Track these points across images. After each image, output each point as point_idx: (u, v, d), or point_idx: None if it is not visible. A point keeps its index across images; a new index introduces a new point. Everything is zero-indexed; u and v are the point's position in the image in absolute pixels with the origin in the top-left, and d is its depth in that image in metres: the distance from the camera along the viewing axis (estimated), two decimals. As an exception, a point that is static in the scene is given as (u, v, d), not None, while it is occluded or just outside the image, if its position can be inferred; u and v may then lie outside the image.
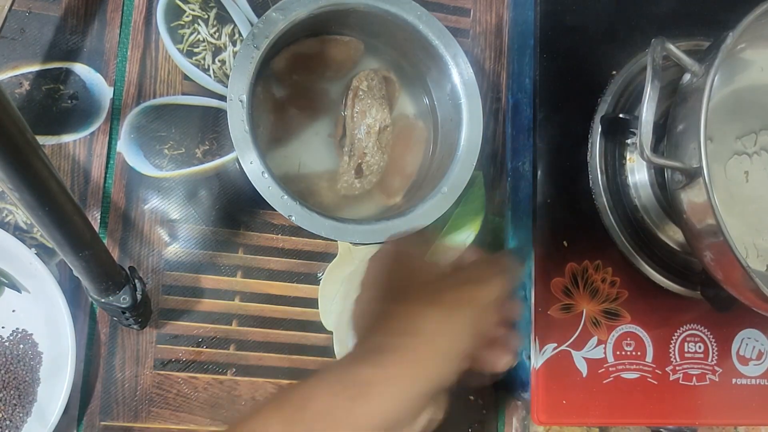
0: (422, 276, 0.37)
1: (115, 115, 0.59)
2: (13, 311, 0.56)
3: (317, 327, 0.62)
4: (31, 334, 0.55)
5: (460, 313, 0.34)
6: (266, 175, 0.53)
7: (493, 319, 0.36)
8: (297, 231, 0.62)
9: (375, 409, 0.31)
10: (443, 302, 0.34)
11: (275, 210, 0.53)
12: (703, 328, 0.60)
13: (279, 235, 0.62)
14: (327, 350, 0.62)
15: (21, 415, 0.54)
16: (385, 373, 0.32)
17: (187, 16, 0.61)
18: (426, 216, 0.56)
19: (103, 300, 0.49)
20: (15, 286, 0.56)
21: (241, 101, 0.53)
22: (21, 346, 0.55)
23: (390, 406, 0.31)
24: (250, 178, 0.53)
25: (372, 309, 0.37)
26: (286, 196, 0.53)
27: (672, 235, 0.58)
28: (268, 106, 0.59)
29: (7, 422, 0.53)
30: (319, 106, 0.61)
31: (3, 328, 0.55)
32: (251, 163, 0.53)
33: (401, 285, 0.37)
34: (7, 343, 0.55)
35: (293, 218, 0.53)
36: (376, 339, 0.34)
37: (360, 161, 0.60)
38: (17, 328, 0.55)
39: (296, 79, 0.61)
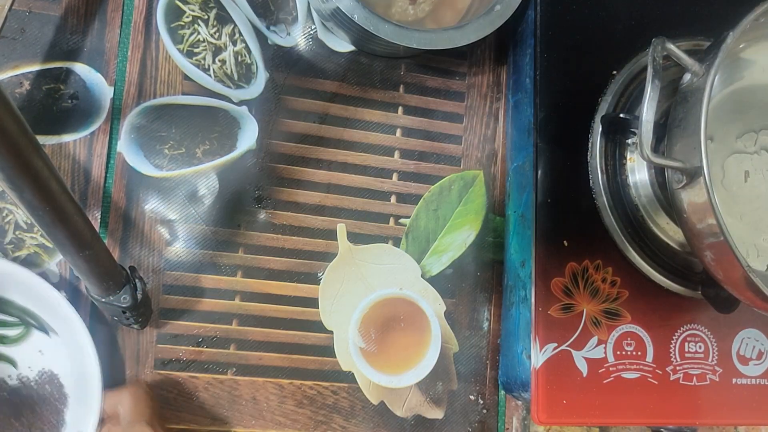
0: None
1: (116, 114, 0.59)
2: (40, 352, 0.55)
3: (318, 326, 0.62)
4: (58, 375, 0.55)
5: None
6: None
7: None
8: (298, 231, 0.62)
9: None
10: None
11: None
12: (703, 327, 0.60)
13: (279, 235, 0.62)
14: (327, 350, 0.62)
15: None
16: None
17: (187, 17, 0.62)
18: (479, 31, 0.59)
19: (103, 300, 0.49)
20: (43, 328, 0.56)
21: None
22: (47, 387, 0.55)
23: None
24: None
25: None
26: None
27: (672, 235, 0.58)
28: None
29: None
30: None
31: (30, 369, 0.55)
32: None
33: None
34: (33, 384, 0.55)
35: (356, 17, 0.55)
36: None
37: None
38: (44, 369, 0.55)
39: None
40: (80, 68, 0.59)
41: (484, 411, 0.64)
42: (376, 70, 0.65)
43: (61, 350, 0.55)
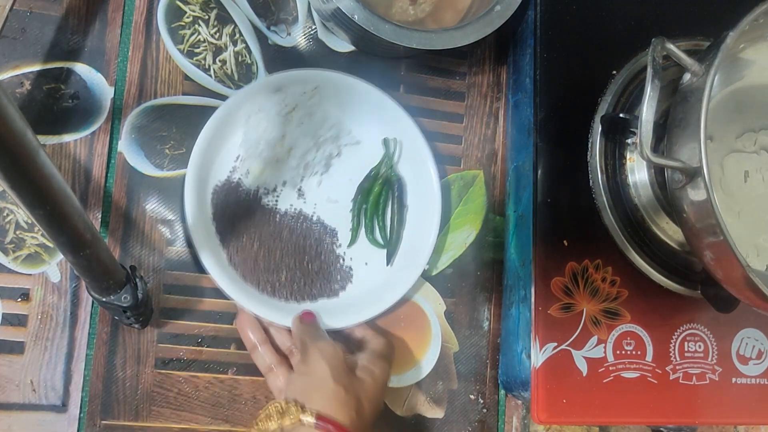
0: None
1: (116, 114, 0.59)
2: (366, 264, 0.62)
3: (318, 326, 0.62)
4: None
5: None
6: None
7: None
8: (297, 230, 0.62)
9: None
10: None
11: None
12: (703, 327, 0.60)
13: (279, 235, 0.62)
14: (327, 349, 0.62)
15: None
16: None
17: (187, 17, 0.62)
18: (479, 31, 0.58)
19: (104, 299, 0.49)
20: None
21: None
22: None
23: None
24: None
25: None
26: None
27: (672, 235, 0.59)
28: None
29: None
30: None
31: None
32: None
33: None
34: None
35: (356, 17, 0.55)
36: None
37: None
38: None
39: None
40: (81, 68, 0.59)
41: (484, 410, 0.65)
42: (376, 70, 0.65)
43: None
